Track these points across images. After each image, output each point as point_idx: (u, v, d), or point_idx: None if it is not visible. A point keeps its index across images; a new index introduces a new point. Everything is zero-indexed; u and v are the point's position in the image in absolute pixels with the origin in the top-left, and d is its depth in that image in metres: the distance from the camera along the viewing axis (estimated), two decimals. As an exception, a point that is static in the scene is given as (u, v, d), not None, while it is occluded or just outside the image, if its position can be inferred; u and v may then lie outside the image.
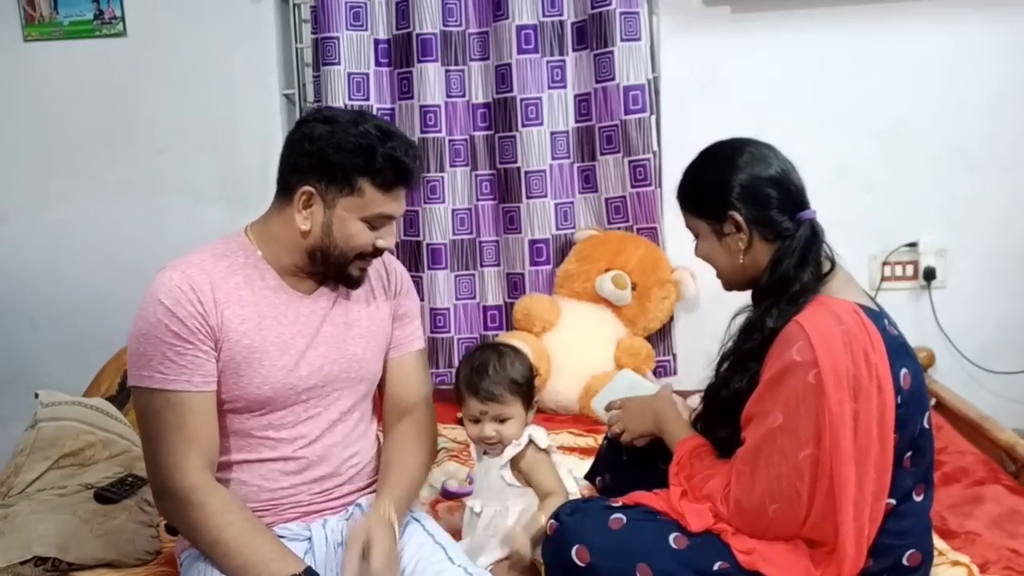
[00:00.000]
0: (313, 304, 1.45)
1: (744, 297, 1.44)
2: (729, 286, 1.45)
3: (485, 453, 1.60)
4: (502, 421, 1.54)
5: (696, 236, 1.45)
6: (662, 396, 1.58)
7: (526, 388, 1.57)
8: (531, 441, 1.56)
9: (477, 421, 1.56)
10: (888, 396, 1.25)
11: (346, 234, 1.38)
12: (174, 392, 1.31)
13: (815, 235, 1.35)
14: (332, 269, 1.43)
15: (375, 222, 1.40)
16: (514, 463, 1.57)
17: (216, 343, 1.35)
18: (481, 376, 1.55)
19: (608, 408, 1.65)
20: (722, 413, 1.38)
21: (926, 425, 1.33)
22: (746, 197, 1.35)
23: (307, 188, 1.37)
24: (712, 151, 1.43)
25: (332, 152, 1.35)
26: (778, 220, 1.35)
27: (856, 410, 1.23)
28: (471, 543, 1.58)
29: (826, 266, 1.35)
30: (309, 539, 1.41)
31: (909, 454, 1.30)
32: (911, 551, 1.32)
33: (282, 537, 1.37)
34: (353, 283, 1.46)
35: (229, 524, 1.29)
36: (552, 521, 1.41)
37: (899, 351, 1.29)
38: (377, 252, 1.43)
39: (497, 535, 1.55)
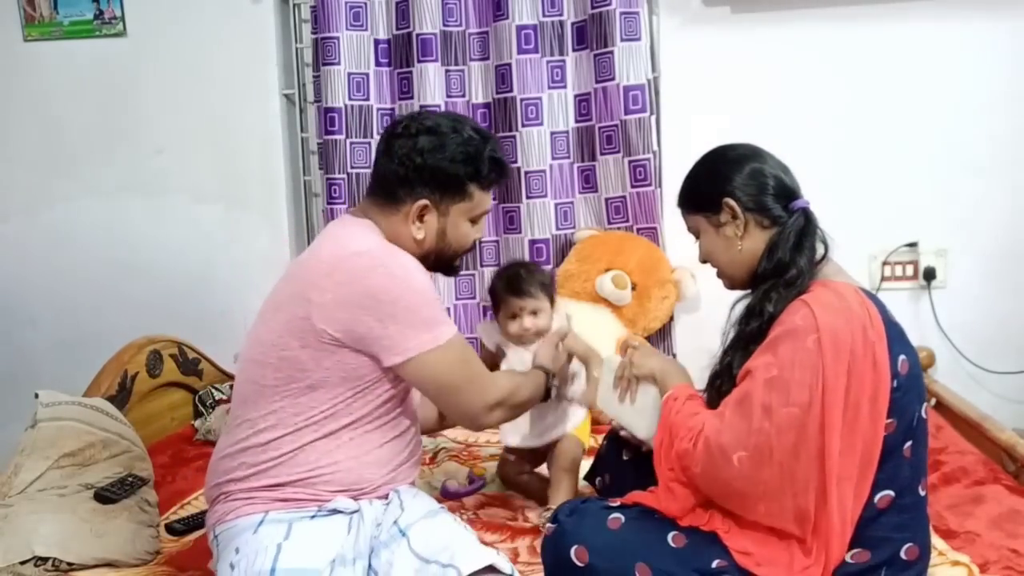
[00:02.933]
0: None
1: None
2: (731, 282, 1.47)
3: (520, 345, 1.92)
4: (534, 314, 1.90)
5: (696, 237, 1.49)
6: (674, 360, 1.65)
7: (550, 288, 1.96)
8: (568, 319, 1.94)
9: (515, 317, 1.91)
10: (883, 374, 1.26)
11: (459, 235, 1.52)
12: (459, 333, 1.47)
13: (809, 222, 1.38)
14: (440, 265, 1.56)
15: (478, 219, 1.54)
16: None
17: None
18: (517, 280, 1.92)
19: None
20: (724, 398, 1.38)
21: (923, 415, 1.34)
22: (742, 184, 1.39)
23: (423, 202, 1.46)
24: (706, 153, 1.49)
25: (447, 165, 1.45)
26: (772, 207, 1.39)
27: (848, 384, 1.24)
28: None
29: (820, 250, 1.38)
30: (358, 510, 1.43)
31: (909, 444, 1.30)
32: (909, 545, 1.32)
33: (337, 512, 1.42)
34: (455, 272, 1.62)
35: (522, 384, 1.63)
36: (550, 523, 1.42)
37: (898, 337, 1.31)
38: (474, 244, 1.59)
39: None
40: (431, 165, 1.44)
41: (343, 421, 1.43)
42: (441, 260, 1.54)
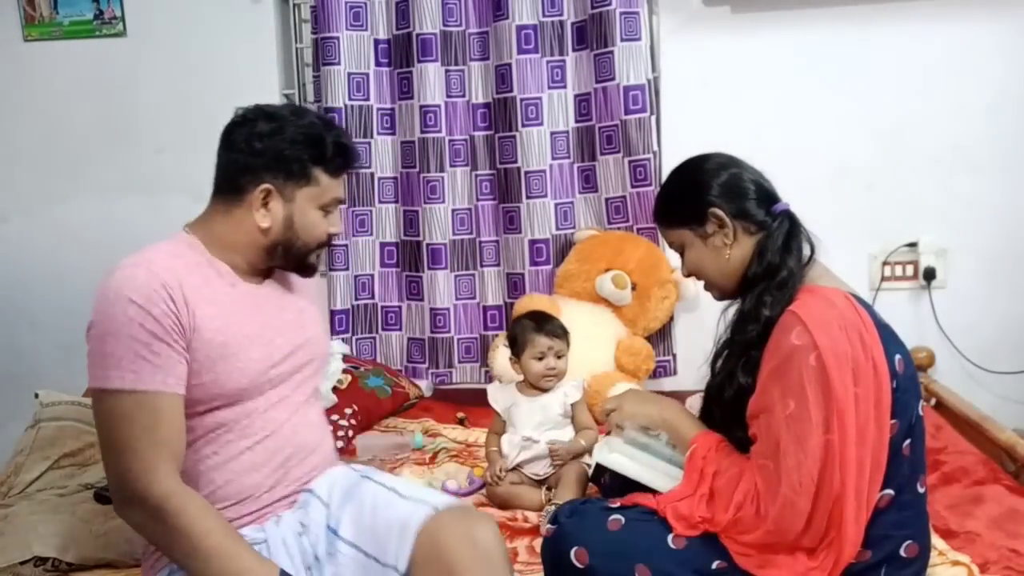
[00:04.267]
0: (268, 294, 1.48)
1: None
2: (722, 293, 1.46)
3: (542, 391, 1.97)
4: (558, 357, 1.96)
5: (681, 251, 1.48)
6: (672, 401, 1.58)
7: (569, 337, 2.01)
8: (584, 387, 2.04)
9: (542, 358, 1.95)
10: (884, 377, 1.26)
11: (307, 223, 1.43)
12: (147, 392, 1.26)
13: (794, 224, 1.39)
14: (292, 261, 1.47)
15: (328, 208, 1.46)
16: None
17: (188, 343, 1.32)
18: (547, 319, 2.00)
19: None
20: (731, 412, 1.38)
21: (920, 412, 1.34)
22: (724, 192, 1.40)
23: (265, 186, 1.40)
24: (680, 166, 1.48)
25: (287, 147, 1.39)
26: (755, 212, 1.39)
27: (856, 393, 1.24)
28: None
29: (807, 249, 1.38)
30: (265, 541, 1.36)
31: (908, 442, 1.31)
32: (908, 542, 1.32)
33: None
34: (310, 271, 1.52)
35: (208, 532, 1.25)
36: (549, 525, 1.42)
37: (891, 338, 1.32)
38: (330, 239, 1.49)
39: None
40: (271, 148, 1.38)
41: (200, 440, 1.36)
42: (291, 254, 1.44)
